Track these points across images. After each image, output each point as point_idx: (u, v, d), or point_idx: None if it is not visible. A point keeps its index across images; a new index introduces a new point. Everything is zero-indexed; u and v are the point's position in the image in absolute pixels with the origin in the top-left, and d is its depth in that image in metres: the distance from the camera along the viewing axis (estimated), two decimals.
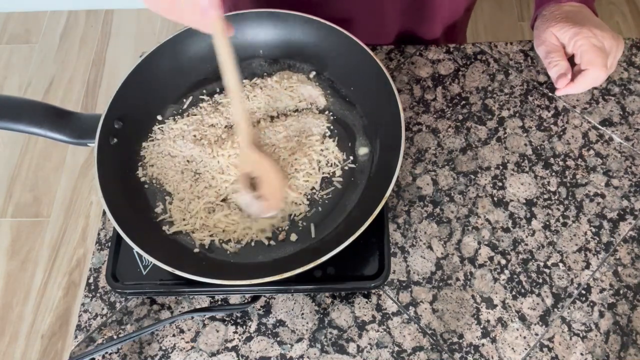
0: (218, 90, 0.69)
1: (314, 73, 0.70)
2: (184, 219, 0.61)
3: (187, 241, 0.60)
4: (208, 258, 0.59)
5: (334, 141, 0.65)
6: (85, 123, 0.61)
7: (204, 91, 0.69)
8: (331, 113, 0.67)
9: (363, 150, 0.64)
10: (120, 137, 0.63)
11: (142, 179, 0.64)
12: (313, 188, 0.62)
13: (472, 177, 0.68)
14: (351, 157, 0.64)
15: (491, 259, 0.63)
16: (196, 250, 0.59)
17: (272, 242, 0.60)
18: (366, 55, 0.64)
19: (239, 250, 0.59)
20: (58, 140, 0.60)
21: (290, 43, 0.70)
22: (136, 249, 0.54)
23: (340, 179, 0.63)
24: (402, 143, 0.58)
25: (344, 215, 0.60)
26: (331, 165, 0.63)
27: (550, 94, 0.73)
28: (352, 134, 0.66)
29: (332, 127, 0.66)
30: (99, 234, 0.66)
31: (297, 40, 0.70)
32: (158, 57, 0.66)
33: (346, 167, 0.64)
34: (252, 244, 0.60)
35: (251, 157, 0.58)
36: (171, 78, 0.68)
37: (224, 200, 0.62)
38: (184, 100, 0.69)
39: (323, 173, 0.63)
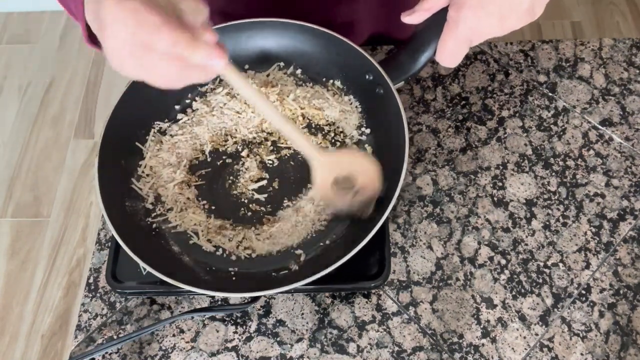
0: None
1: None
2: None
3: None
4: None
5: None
6: None
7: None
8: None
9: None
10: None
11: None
12: None
13: (472, 177, 0.68)
14: None
15: (491, 259, 0.63)
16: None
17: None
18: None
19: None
20: None
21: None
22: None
23: None
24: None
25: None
26: None
27: (550, 94, 0.73)
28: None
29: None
30: (99, 234, 0.66)
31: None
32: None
33: None
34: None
35: (331, 162, 0.55)
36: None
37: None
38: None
39: None
